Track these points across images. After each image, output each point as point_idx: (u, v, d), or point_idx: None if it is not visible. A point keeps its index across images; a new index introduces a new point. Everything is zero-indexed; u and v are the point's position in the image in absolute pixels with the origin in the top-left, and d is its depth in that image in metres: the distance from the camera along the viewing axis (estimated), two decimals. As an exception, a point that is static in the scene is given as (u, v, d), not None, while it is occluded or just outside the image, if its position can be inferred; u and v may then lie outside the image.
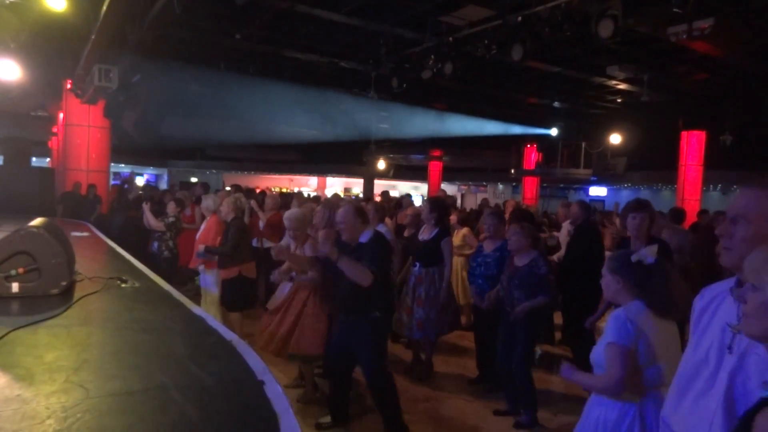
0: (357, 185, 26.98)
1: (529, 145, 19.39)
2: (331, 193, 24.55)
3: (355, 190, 26.50)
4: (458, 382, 5.20)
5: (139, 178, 25.67)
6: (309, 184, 28.71)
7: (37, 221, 2.83)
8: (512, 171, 20.18)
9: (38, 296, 2.46)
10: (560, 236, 6.35)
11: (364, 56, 10.92)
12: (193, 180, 23.03)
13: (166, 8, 6.76)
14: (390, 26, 9.33)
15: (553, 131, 17.61)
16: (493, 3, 8.09)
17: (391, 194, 11.36)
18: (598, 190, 23.83)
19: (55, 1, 6.74)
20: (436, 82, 10.95)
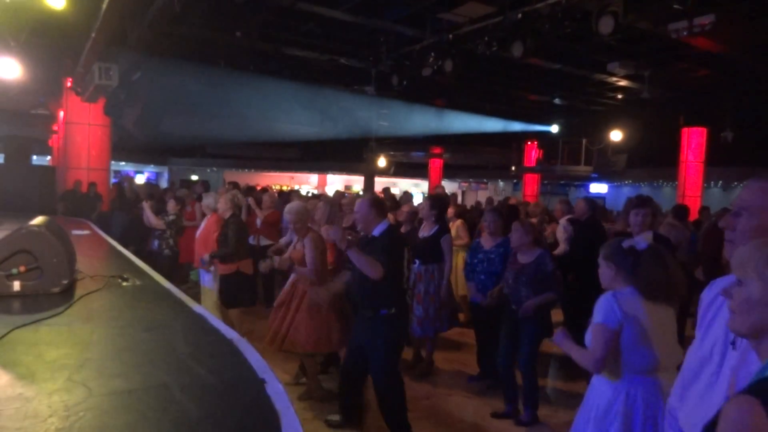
0: (357, 182, 26.96)
1: (529, 142, 19.39)
2: (332, 190, 24.53)
3: (356, 188, 26.47)
4: (459, 379, 5.20)
5: (140, 176, 25.69)
6: (309, 182, 28.69)
7: (38, 220, 2.83)
8: (513, 168, 20.17)
9: (39, 294, 2.46)
10: (557, 233, 6.29)
11: (365, 53, 10.91)
12: (194, 178, 23.02)
13: (165, 6, 6.77)
14: (390, 23, 9.32)
15: (554, 128, 17.58)
16: (493, 0, 8.09)
17: (391, 192, 11.35)
18: (598, 187, 23.80)
19: (55, -1, 6.72)
20: (437, 79, 10.92)
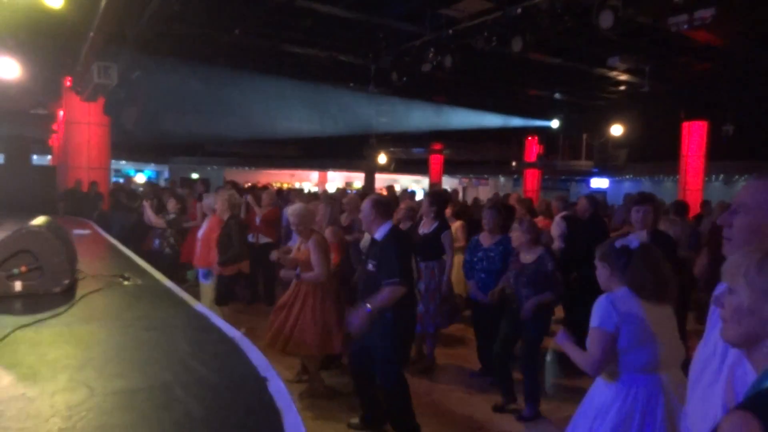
0: (358, 179, 26.95)
1: (530, 138, 19.33)
2: (333, 187, 24.53)
3: (357, 185, 26.46)
4: (460, 375, 5.21)
5: (140, 175, 25.69)
6: (310, 179, 28.69)
7: (38, 220, 2.83)
8: (513, 164, 20.13)
9: (41, 294, 2.46)
10: (552, 230, 6.23)
11: (364, 50, 10.88)
12: (194, 176, 23.01)
13: (164, 4, 6.76)
14: (389, 19, 9.29)
15: (554, 123, 17.52)
16: (492, -5, 8.07)
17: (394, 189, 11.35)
18: (599, 182, 23.77)
19: (53, -2, 6.70)
20: (436, 75, 10.91)
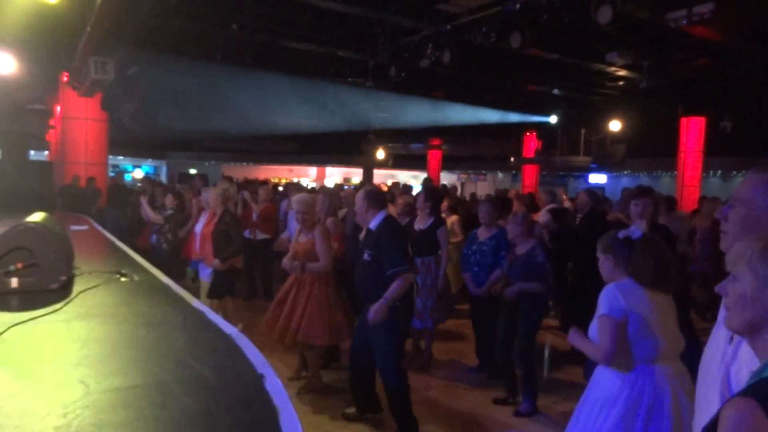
0: (356, 175, 26.93)
1: (528, 133, 19.32)
2: (331, 183, 24.51)
3: (355, 180, 26.44)
4: (458, 371, 5.22)
5: (138, 170, 25.64)
6: (308, 175, 28.67)
7: (35, 216, 2.82)
8: (512, 159, 20.13)
9: (37, 291, 2.45)
10: (538, 221, 6.20)
11: (362, 45, 10.85)
12: (192, 171, 22.98)
13: (161, -1, 6.72)
14: (387, 14, 9.27)
15: (553, 119, 17.51)
16: (491, -10, 8.06)
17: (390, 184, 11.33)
18: (597, 178, 23.79)
19: (49, -7, 6.69)
20: (435, 71, 10.88)
